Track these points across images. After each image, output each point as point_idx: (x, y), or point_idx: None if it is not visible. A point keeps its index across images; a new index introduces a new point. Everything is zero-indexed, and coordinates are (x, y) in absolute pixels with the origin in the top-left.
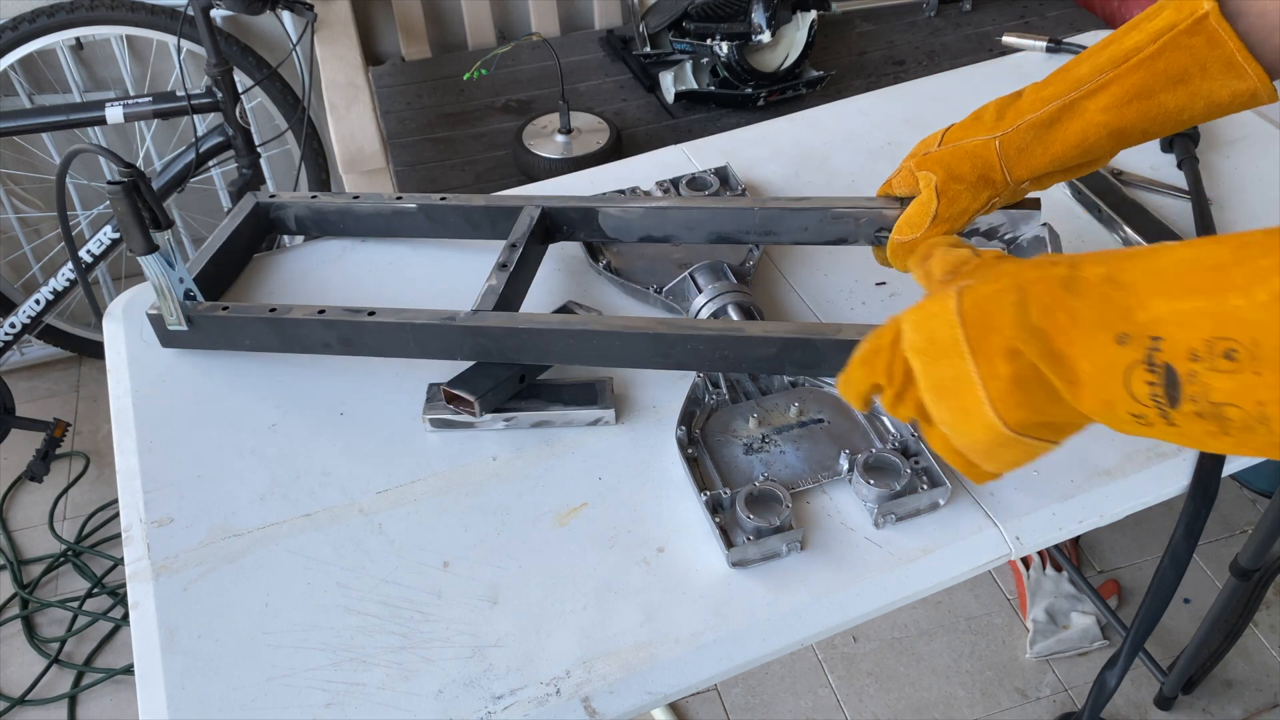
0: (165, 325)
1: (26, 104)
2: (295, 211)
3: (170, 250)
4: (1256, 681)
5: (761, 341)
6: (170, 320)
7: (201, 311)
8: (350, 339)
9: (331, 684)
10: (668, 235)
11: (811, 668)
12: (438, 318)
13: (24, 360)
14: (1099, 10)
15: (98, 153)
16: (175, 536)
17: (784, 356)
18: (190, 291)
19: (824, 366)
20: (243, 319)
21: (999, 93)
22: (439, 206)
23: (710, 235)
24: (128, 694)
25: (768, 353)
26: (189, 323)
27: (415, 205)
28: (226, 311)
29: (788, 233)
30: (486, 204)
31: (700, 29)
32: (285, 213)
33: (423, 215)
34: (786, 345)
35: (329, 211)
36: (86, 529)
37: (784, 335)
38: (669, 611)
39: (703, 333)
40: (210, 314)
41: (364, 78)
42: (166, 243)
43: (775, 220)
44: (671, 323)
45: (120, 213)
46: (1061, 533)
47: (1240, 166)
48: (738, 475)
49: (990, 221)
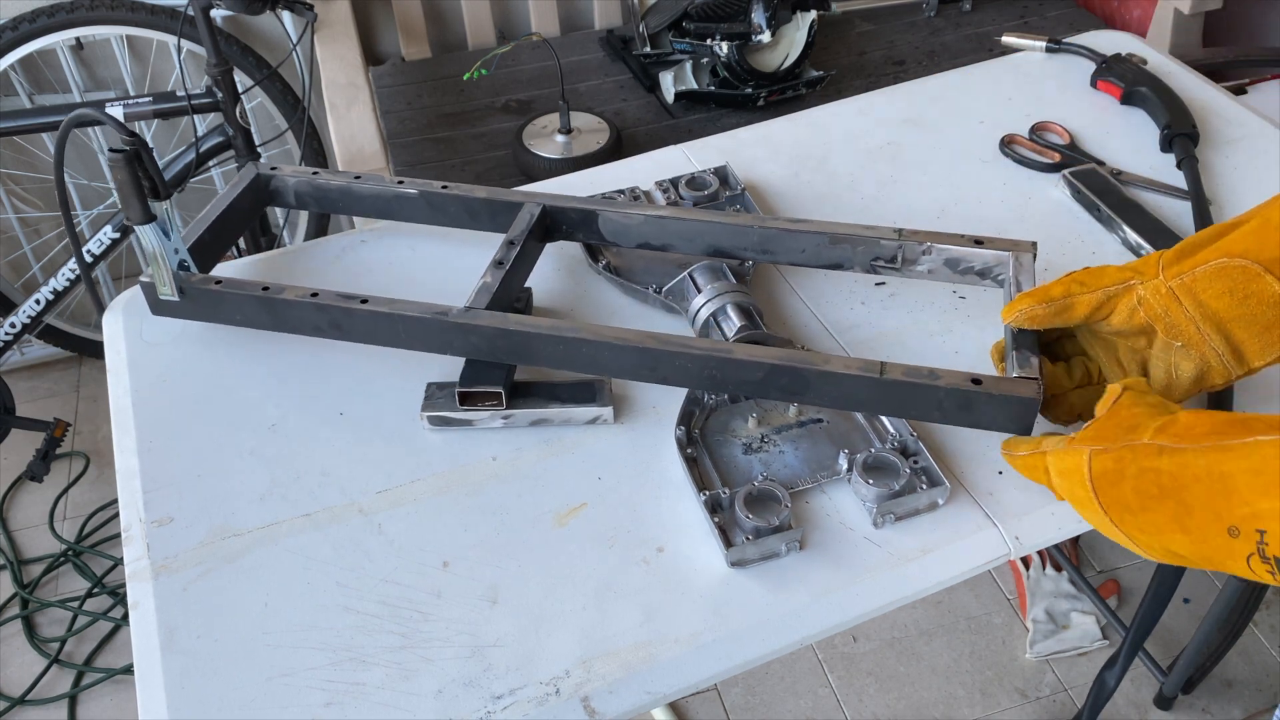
0: (157, 293)
1: (26, 104)
2: (295, 185)
3: (167, 220)
4: (1256, 681)
5: (749, 365)
6: (162, 290)
7: (194, 283)
8: (341, 324)
9: (331, 684)
10: (665, 244)
11: (811, 667)
12: (430, 312)
13: (24, 360)
14: (1099, 10)
15: (101, 120)
16: (175, 536)
17: (770, 381)
18: (184, 262)
19: (809, 394)
20: (235, 294)
21: (999, 92)
22: (440, 194)
23: (708, 249)
24: (128, 694)
25: (754, 377)
26: (180, 293)
27: (416, 191)
28: (220, 285)
29: (785, 253)
30: (488, 196)
31: (700, 29)
32: (285, 185)
33: (423, 201)
34: (774, 371)
35: (330, 189)
36: (86, 529)
37: (771, 361)
38: (669, 611)
39: (690, 351)
40: (203, 286)
41: (364, 78)
42: (164, 213)
43: (773, 240)
44: (661, 338)
45: (120, 181)
46: (1061, 533)
47: (1240, 166)
48: (737, 475)
49: (985, 261)
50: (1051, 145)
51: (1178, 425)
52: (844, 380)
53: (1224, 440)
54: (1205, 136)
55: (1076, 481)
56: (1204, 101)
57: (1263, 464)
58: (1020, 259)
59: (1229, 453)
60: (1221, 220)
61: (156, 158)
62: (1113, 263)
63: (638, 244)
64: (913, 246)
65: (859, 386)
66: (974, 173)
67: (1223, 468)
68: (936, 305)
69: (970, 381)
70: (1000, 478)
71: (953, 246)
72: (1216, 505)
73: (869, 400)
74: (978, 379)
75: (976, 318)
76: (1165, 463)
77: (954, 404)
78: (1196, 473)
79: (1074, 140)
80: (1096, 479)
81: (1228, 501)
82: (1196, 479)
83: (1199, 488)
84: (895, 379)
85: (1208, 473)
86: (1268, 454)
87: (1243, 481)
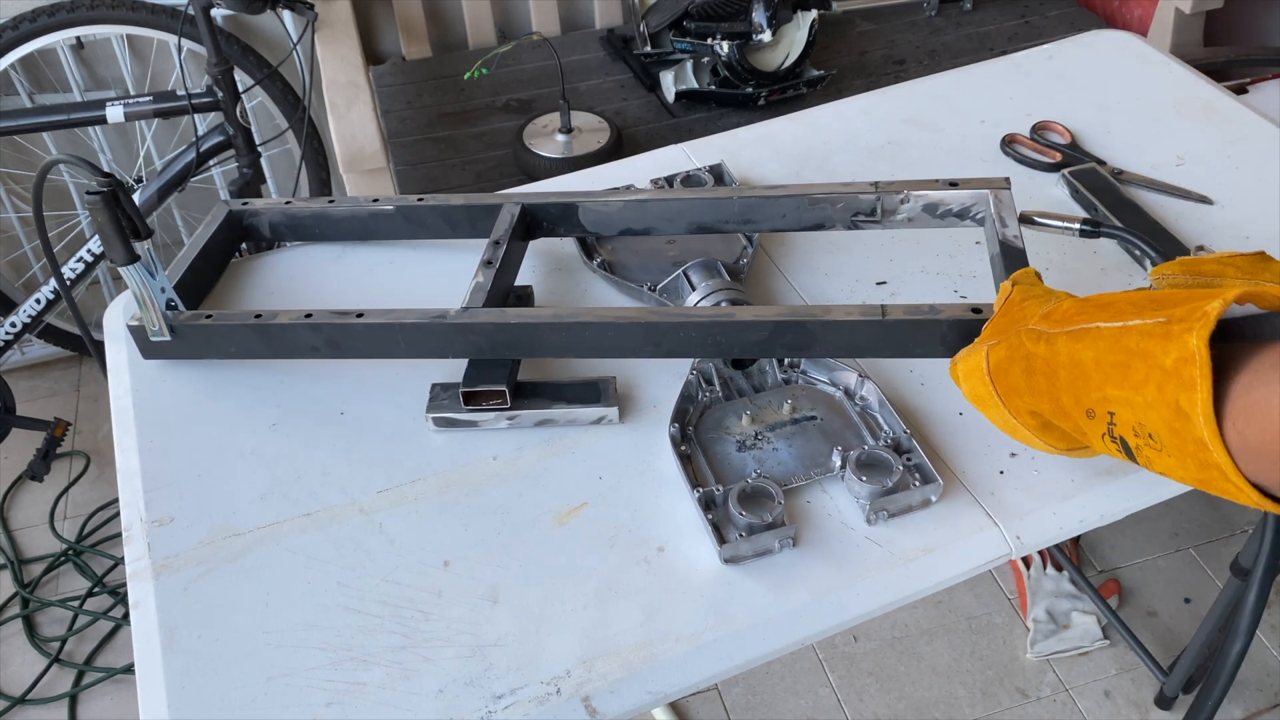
0: (147, 336)
1: (27, 103)
2: (269, 218)
3: (151, 260)
4: (1257, 681)
5: (752, 325)
6: (153, 331)
7: (184, 320)
8: (339, 341)
9: (332, 683)
10: (648, 228)
11: (812, 667)
12: (428, 316)
13: (24, 360)
14: (1099, 10)
15: (72, 162)
16: (175, 536)
17: (775, 339)
18: (172, 301)
19: (815, 348)
20: (227, 326)
21: (999, 92)
22: (417, 208)
23: (690, 226)
24: (128, 693)
25: (759, 336)
26: (172, 332)
27: (393, 207)
28: (210, 320)
29: (766, 220)
30: (465, 203)
31: (701, 28)
32: (259, 220)
33: (400, 217)
34: (777, 328)
35: (304, 217)
36: (87, 528)
37: (774, 318)
38: (669, 611)
39: (694, 320)
40: (193, 322)
41: (364, 77)
42: (147, 252)
43: (753, 208)
44: (663, 311)
45: (101, 223)
46: (1062, 532)
47: (1240, 166)
48: (730, 472)
49: (962, 201)
50: (1053, 145)
51: (1058, 311)
52: (848, 327)
53: (1080, 325)
54: (1205, 136)
55: (978, 379)
56: (1205, 101)
57: (1100, 353)
58: (999, 195)
59: (1080, 340)
60: (1222, 220)
61: (156, 158)
62: (1112, 262)
63: (620, 231)
64: (890, 197)
65: (863, 331)
66: (975, 172)
67: (1078, 355)
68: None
69: (971, 311)
70: (1001, 477)
71: (929, 192)
72: (1076, 388)
73: (875, 344)
74: (978, 308)
75: None
76: (1041, 348)
77: (957, 335)
78: (1061, 358)
79: (1075, 140)
80: (994, 371)
81: (1084, 385)
82: (1061, 364)
83: (1065, 372)
84: (898, 319)
85: (1069, 358)
86: (1101, 345)
87: (1091, 368)
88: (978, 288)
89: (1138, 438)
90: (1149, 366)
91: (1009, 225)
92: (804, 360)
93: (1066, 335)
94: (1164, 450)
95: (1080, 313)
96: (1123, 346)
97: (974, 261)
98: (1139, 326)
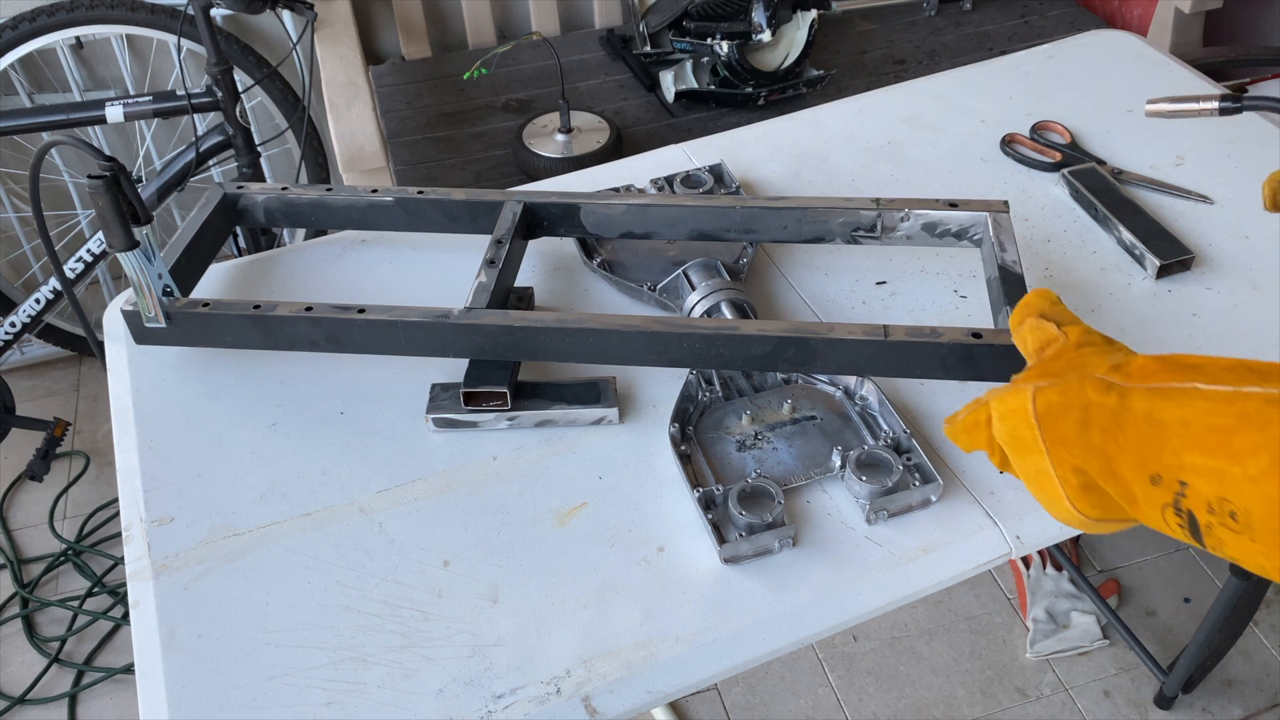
0: (142, 322)
1: (26, 103)
2: (265, 203)
3: (149, 246)
4: (1256, 681)
5: (756, 340)
6: (148, 317)
7: (181, 308)
8: (339, 336)
9: (332, 683)
10: (649, 232)
11: (811, 667)
12: (431, 315)
13: (24, 359)
14: (1099, 10)
15: (74, 145)
16: (175, 535)
17: (778, 354)
18: (168, 287)
19: (816, 364)
20: (225, 315)
21: (999, 92)
22: (416, 200)
23: (692, 232)
24: (128, 693)
25: (762, 350)
26: (168, 319)
27: (392, 198)
28: (208, 308)
29: (767, 230)
30: (466, 198)
31: (700, 28)
32: (254, 203)
33: (399, 209)
34: (781, 344)
35: (300, 203)
36: (87, 528)
37: (778, 334)
38: (669, 611)
39: (698, 331)
40: (190, 310)
41: (364, 77)
42: (146, 238)
43: (755, 219)
44: (667, 321)
45: (101, 208)
46: (1061, 532)
47: (1240, 166)
48: (730, 472)
49: (961, 223)
50: (1052, 144)
51: (1132, 365)
52: (850, 346)
53: (1168, 384)
54: (1205, 136)
55: (1020, 420)
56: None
57: (1194, 415)
58: (998, 219)
59: (1167, 399)
60: (1222, 220)
61: (155, 158)
62: (1112, 262)
63: (621, 233)
64: (891, 214)
65: (865, 350)
66: (975, 171)
67: (1160, 414)
68: (937, 304)
69: (971, 336)
70: (1002, 477)
71: (929, 211)
72: (1146, 450)
73: (876, 363)
74: (978, 333)
75: (977, 316)
76: (1111, 400)
77: (956, 359)
78: (1134, 415)
79: (1075, 140)
80: (1041, 414)
81: (1158, 448)
82: (1132, 421)
83: (1134, 430)
84: (899, 340)
85: (1145, 416)
86: (1199, 406)
87: (1174, 430)
88: (977, 287)
89: (1213, 514)
90: (1268, 438)
91: (1008, 250)
92: None
93: (1147, 391)
94: (1248, 532)
95: (1163, 370)
96: (1236, 411)
97: (974, 262)
98: (1263, 394)
